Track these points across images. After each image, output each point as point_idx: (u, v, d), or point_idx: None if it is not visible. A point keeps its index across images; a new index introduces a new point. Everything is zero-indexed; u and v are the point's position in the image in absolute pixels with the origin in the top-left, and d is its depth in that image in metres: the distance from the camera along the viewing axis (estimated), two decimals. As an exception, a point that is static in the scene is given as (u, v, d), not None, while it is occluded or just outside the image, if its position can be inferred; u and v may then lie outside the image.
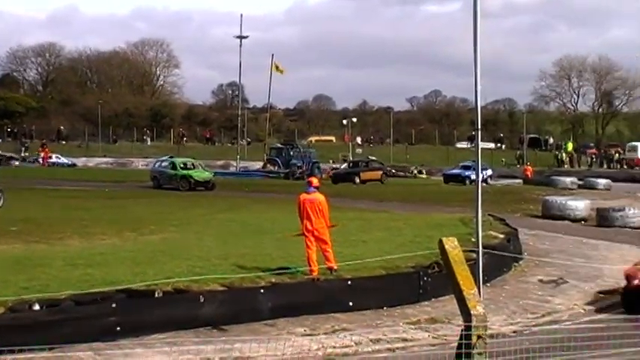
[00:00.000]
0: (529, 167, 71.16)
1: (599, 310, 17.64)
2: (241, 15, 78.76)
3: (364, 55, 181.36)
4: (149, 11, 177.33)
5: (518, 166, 79.09)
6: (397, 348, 13.55)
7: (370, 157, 73.33)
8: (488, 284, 18.63)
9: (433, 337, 14.21)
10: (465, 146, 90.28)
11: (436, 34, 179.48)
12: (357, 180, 58.56)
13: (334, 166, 72.36)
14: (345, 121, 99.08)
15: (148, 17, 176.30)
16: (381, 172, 61.96)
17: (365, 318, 15.54)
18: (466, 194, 37.53)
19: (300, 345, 13.15)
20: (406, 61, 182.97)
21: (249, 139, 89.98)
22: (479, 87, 13.94)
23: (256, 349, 11.04)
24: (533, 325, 15.60)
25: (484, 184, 49.81)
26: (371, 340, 13.81)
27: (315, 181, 18.52)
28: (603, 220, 31.99)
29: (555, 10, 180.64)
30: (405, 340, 14.01)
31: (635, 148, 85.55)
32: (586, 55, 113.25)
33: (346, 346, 13.39)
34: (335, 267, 16.89)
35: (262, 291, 15.18)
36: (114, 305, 13.17)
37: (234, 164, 75.35)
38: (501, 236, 23.50)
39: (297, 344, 13.10)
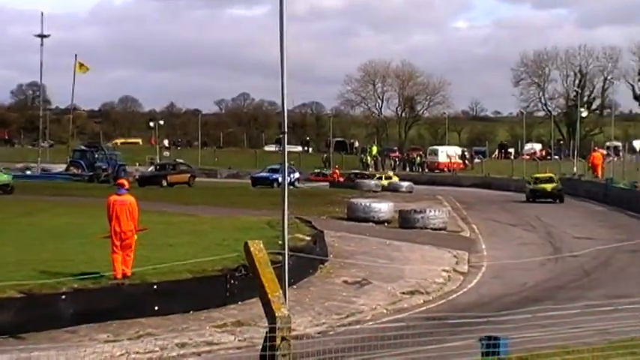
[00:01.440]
0: (337, 171, 72.74)
1: (400, 310, 18.21)
2: (42, 13, 75.86)
3: (172, 57, 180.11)
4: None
5: (325, 169, 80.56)
6: (203, 352, 13.50)
7: (178, 159, 72.66)
8: (295, 286, 18.84)
9: (239, 340, 14.24)
10: (273, 149, 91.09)
11: (244, 37, 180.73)
12: (165, 183, 57.86)
13: (141, 169, 71.16)
14: (152, 124, 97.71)
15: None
16: (188, 175, 61.54)
17: (171, 322, 15.37)
18: (274, 197, 37.84)
19: (103, 351, 12.84)
20: (214, 63, 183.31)
21: (51, 141, 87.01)
22: (285, 90, 14.08)
23: (55, 357, 10.67)
24: (338, 326, 15.92)
25: (291, 187, 50.77)
26: (177, 345, 13.68)
27: (126, 183, 18.19)
28: (405, 221, 32.98)
29: (361, 15, 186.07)
30: (211, 343, 13.98)
31: (435, 152, 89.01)
32: (389, 60, 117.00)
33: (151, 352, 13.21)
34: (129, 273, 16.57)
35: (63, 297, 14.73)
36: None
37: (34, 166, 72.61)
38: (308, 238, 23.82)
39: (99, 351, 12.79)
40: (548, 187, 47.37)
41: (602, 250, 25.28)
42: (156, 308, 15.76)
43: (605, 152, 71.78)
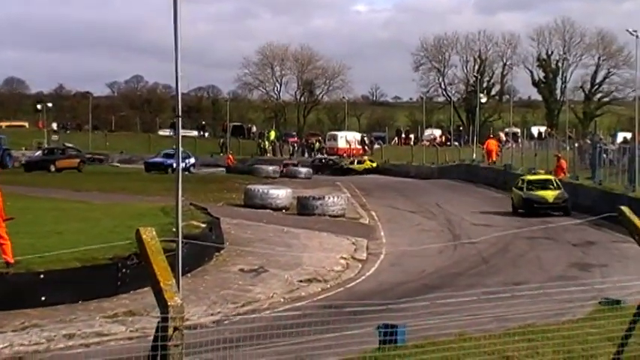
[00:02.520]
0: (230, 156, 72.59)
1: (298, 299, 18.29)
2: None
3: (61, 38, 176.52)
4: None
5: (221, 154, 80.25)
6: (92, 343, 13.29)
7: (67, 144, 71.31)
8: (189, 275, 18.74)
9: (130, 331, 14.08)
10: (167, 134, 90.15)
11: (137, 17, 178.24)
12: (53, 168, 56.76)
13: (27, 153, 69.55)
14: (39, 106, 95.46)
15: None
16: (78, 160, 60.54)
17: (59, 313, 15.10)
18: (168, 183, 37.49)
19: (-14, 345, 12.54)
20: (107, 45, 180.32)
21: None
22: (180, 73, 13.93)
23: None
24: (234, 315, 15.89)
25: (186, 173, 50.40)
26: (64, 336, 13.45)
27: None
28: (304, 208, 33.13)
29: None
30: (100, 334, 13.78)
31: (334, 137, 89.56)
32: (288, 43, 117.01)
33: (37, 343, 12.95)
34: (12, 261, 16.18)
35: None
36: None
37: None
38: (203, 225, 23.71)
39: (-19, 344, 12.48)
40: (549, 196, 34.45)
41: (501, 237, 25.87)
42: (42, 298, 15.44)
43: (504, 138, 73.41)
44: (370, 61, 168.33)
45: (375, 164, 72.22)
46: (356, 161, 73.97)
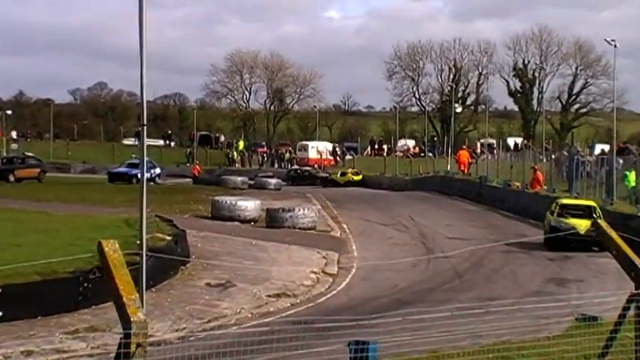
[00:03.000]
0: (197, 166, 72.45)
1: (266, 314, 18.26)
2: None
3: (21, 42, 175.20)
4: None
5: (188, 164, 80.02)
6: (52, 360, 13.20)
7: (27, 153, 70.83)
8: (154, 289, 18.67)
9: (92, 347, 14.00)
10: (132, 143, 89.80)
11: (101, 22, 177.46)
12: (12, 178, 56.34)
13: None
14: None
15: None
16: (39, 170, 60.16)
17: (16, 329, 14.98)
18: (132, 193, 37.33)
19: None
20: (69, 49, 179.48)
21: None
22: (145, 80, 13.90)
23: None
24: (200, 331, 15.83)
25: (152, 183, 50.21)
26: (22, 353, 13.34)
27: None
28: (273, 220, 33.10)
29: (228, 2, 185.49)
30: (60, 351, 13.69)
31: (305, 148, 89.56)
32: (258, 50, 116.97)
33: (-6, 361, 12.84)
34: None
35: None
36: None
37: None
38: (168, 238, 23.64)
39: None
40: (582, 226, 26.87)
41: (475, 251, 25.98)
42: (0, 314, 15.31)
43: (478, 150, 73.83)
44: (342, 69, 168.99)
45: (359, 177, 70.32)
46: (339, 173, 72.36)
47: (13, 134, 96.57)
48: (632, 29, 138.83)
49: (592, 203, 31.07)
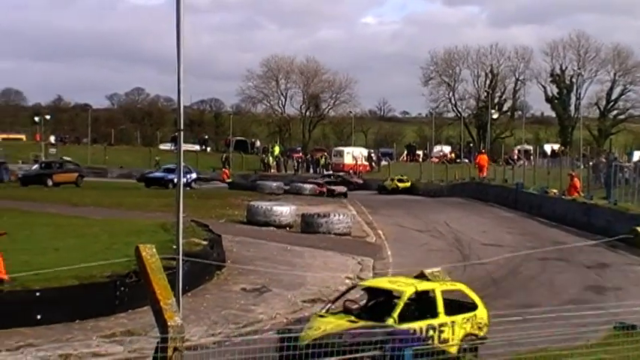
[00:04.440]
0: (226, 170, 72.50)
1: (301, 320, 18.22)
2: None
3: (60, 48, 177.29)
4: None
5: (224, 169, 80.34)
6: (89, 364, 13.29)
7: (65, 157, 71.42)
8: (189, 293, 18.72)
9: (129, 351, 14.05)
10: (168, 148, 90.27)
11: (139, 28, 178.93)
12: (50, 182, 56.84)
13: (24, 167, 69.68)
14: (37, 118, 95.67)
15: None
16: (76, 174, 60.62)
17: (54, 332, 15.08)
18: (168, 198, 37.51)
19: (-21, 365, 12.54)
20: (107, 55, 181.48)
21: None
22: (182, 85, 13.96)
23: None
24: (235, 336, 15.86)
25: (188, 189, 50.40)
26: (59, 356, 13.44)
27: None
28: (308, 226, 33.08)
29: (265, 8, 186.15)
30: (97, 354, 13.76)
31: (340, 153, 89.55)
32: (294, 56, 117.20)
33: (32, 364, 12.94)
34: (6, 278, 16.19)
35: None
36: None
37: None
38: (204, 243, 23.69)
39: (-26, 364, 12.48)
40: None
41: (511, 258, 25.79)
42: (38, 317, 15.43)
43: (515, 156, 73.34)
44: (378, 74, 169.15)
45: (407, 184, 67.64)
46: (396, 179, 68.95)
47: (52, 139, 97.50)
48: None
49: None
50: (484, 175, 56.99)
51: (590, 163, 52.35)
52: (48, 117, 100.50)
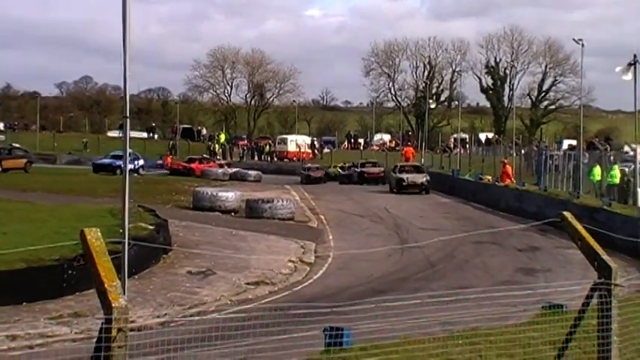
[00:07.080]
0: (169, 157, 71.72)
1: (245, 301, 18.26)
2: None
3: (9, 36, 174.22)
4: None
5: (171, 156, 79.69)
6: (36, 345, 13.11)
7: (14, 144, 70.42)
8: (136, 277, 18.64)
9: (75, 332, 13.94)
10: (116, 135, 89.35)
11: (87, 17, 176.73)
12: (-1, 168, 56.07)
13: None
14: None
15: None
16: (25, 161, 59.83)
17: (2, 314, 14.92)
18: (116, 184, 37.13)
19: None
20: (56, 44, 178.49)
21: None
22: (128, 73, 13.84)
23: None
24: (180, 317, 15.82)
25: (135, 175, 50.02)
26: (7, 337, 13.27)
27: None
28: (253, 211, 33.10)
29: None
30: (45, 336, 13.62)
31: (284, 141, 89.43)
32: (239, 46, 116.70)
33: (-21, 346, 12.76)
34: None
35: None
36: None
37: None
38: (151, 227, 23.58)
39: None
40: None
41: (447, 242, 26.05)
42: (-14, 300, 15.26)
43: (451, 144, 73.92)
44: (322, 65, 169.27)
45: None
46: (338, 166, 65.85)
47: (1, 126, 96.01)
48: (602, 29, 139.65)
49: None
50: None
51: (523, 152, 53.00)
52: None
